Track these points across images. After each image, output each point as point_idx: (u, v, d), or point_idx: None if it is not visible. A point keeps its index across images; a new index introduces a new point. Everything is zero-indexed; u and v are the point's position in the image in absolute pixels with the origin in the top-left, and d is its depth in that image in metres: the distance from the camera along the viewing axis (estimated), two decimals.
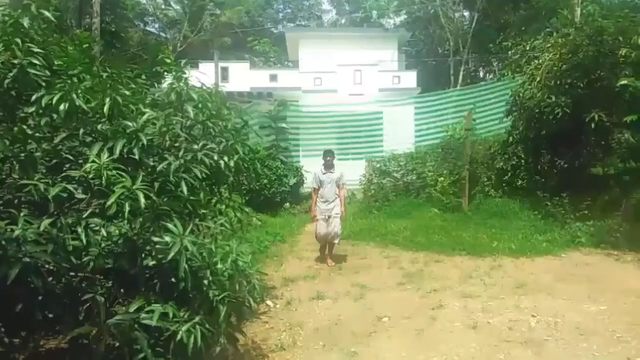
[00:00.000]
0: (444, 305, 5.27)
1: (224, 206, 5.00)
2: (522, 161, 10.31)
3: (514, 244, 7.94)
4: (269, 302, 5.57)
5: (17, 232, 2.49)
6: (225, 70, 20.51)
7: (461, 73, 26.05)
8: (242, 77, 20.54)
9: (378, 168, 13.43)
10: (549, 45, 9.98)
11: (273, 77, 21.19)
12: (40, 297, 2.58)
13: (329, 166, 7.49)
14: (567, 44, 9.25)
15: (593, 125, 8.26)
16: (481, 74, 32.55)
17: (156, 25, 33.74)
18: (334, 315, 5.13)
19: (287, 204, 13.37)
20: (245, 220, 8.55)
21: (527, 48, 10.89)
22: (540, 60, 9.78)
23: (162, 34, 32.90)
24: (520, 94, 9.90)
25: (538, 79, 9.49)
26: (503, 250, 7.58)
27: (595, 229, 8.04)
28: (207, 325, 2.85)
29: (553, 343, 4.21)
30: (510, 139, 10.61)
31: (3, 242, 2.39)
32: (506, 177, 10.58)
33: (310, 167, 12.96)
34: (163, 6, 32.55)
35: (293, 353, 4.27)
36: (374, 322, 4.89)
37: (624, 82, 7.76)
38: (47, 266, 2.64)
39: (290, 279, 6.50)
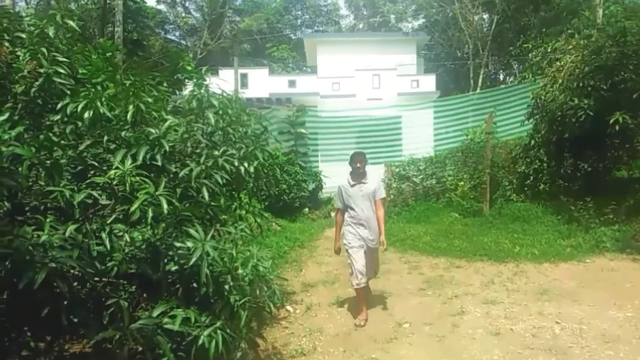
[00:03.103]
0: (466, 311, 5.21)
1: (244, 211, 5.05)
2: (545, 165, 10.13)
3: (537, 249, 7.81)
4: (289, 308, 5.59)
5: (43, 238, 2.54)
6: (244, 76, 20.72)
7: (481, 76, 25.81)
8: (261, 83, 20.73)
9: (397, 173, 13.38)
10: (570, 47, 9.84)
11: (292, 83, 21.34)
12: (65, 302, 2.62)
13: (359, 175, 5.27)
14: (589, 45, 9.10)
15: (617, 128, 8.09)
16: (501, 77, 32.23)
17: (177, 33, 34.32)
18: (354, 321, 5.11)
19: (306, 209, 13.39)
20: (265, 225, 8.63)
21: (549, 50, 10.76)
22: (562, 62, 9.64)
23: (183, 42, 33.41)
24: (542, 97, 9.76)
25: (560, 81, 9.34)
26: (526, 256, 7.46)
27: (621, 233, 7.86)
28: (228, 330, 2.86)
29: (578, 350, 4.12)
30: (532, 142, 10.45)
31: (30, 248, 2.44)
32: (528, 181, 10.41)
33: (329, 172, 13.04)
34: (183, 14, 33.06)
35: (313, 359, 4.27)
36: (395, 328, 4.86)
37: None
38: (72, 271, 2.68)
39: (309, 284, 6.50)
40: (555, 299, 5.46)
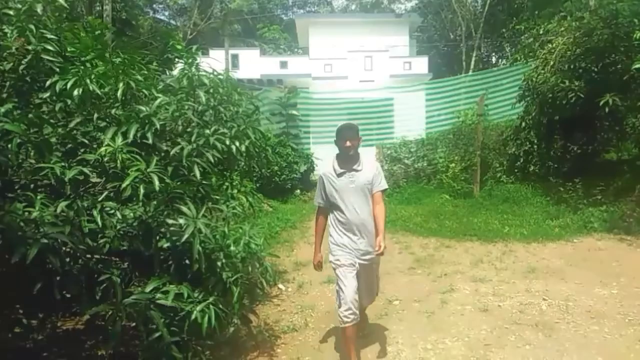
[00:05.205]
0: (455, 289, 5.29)
1: (235, 191, 5.06)
2: (535, 147, 10.21)
3: (525, 229, 7.91)
4: (280, 286, 5.65)
5: (34, 214, 2.55)
6: (235, 57, 20.55)
7: (473, 58, 25.74)
8: (253, 64, 20.55)
9: (389, 155, 13.43)
10: (562, 29, 9.84)
11: (283, 64, 21.16)
12: (58, 278, 2.64)
13: (350, 159, 3.68)
14: (581, 27, 9.11)
15: (607, 110, 8.14)
16: (494, 60, 32.17)
17: (166, 13, 33.75)
18: None
19: (298, 191, 13.44)
20: (257, 206, 8.65)
21: (541, 32, 10.75)
22: (554, 45, 9.65)
23: (172, 22, 32.90)
24: (533, 79, 9.79)
25: (551, 63, 9.37)
26: (514, 236, 7.55)
27: (608, 214, 7.98)
28: (220, 306, 2.90)
29: (564, 326, 4.22)
30: (523, 124, 10.51)
31: (21, 224, 2.44)
32: (518, 162, 10.50)
33: (321, 154, 13.05)
34: None
35: (305, 334, 4.34)
36: (385, 305, 4.92)
37: (638, 65, 7.63)
38: (64, 248, 2.70)
39: (301, 263, 6.55)
40: (542, 277, 5.56)
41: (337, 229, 3.70)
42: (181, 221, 2.88)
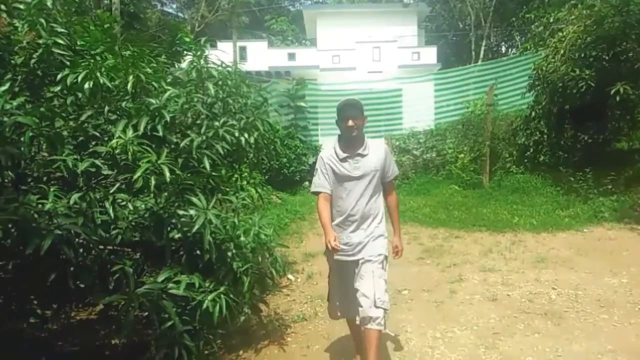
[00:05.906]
0: (464, 278, 5.30)
1: (245, 182, 5.09)
2: (545, 136, 10.13)
3: (535, 219, 7.88)
4: (290, 276, 5.69)
5: (48, 206, 2.59)
6: (243, 49, 20.58)
7: (482, 48, 25.55)
8: (260, 56, 20.57)
9: (397, 146, 13.41)
10: (573, 17, 9.70)
11: (291, 56, 21.16)
12: (72, 268, 2.69)
13: (354, 141, 3.17)
14: (592, 15, 8.99)
15: (618, 99, 8.06)
16: (503, 49, 31.86)
17: (174, 6, 33.76)
18: None
19: (307, 183, 13.46)
20: (266, 196, 8.70)
21: (551, 20, 10.62)
22: (564, 33, 9.53)
23: (180, 14, 32.92)
24: (543, 68, 9.69)
25: (562, 52, 9.26)
26: (524, 226, 7.53)
27: (619, 203, 7.92)
28: (231, 296, 2.94)
29: (573, 314, 4.22)
30: (533, 114, 10.43)
31: (35, 215, 2.49)
32: (528, 152, 10.44)
33: (329, 146, 13.00)
34: None
35: (315, 324, 4.38)
36: (394, 294, 4.93)
37: None
38: (77, 239, 2.74)
39: (310, 254, 6.59)
40: (552, 267, 5.55)
41: (335, 221, 3.23)
42: (192, 212, 2.92)
